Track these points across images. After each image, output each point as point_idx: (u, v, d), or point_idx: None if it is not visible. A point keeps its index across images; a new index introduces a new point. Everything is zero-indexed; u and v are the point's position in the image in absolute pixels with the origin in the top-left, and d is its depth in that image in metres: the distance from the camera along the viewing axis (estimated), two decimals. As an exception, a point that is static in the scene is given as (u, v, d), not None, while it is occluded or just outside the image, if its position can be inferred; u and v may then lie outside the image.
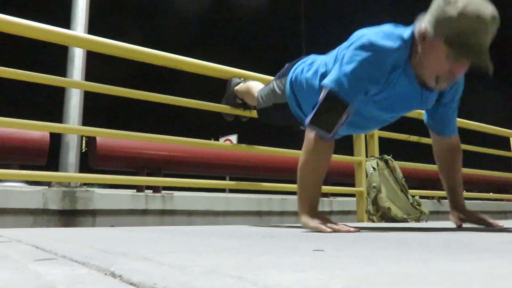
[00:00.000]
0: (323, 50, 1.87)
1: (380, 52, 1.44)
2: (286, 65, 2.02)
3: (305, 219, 1.50)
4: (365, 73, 1.45)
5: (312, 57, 1.88)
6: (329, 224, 1.43)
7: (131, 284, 0.47)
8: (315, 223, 1.45)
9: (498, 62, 1.40)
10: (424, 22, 1.43)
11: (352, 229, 1.42)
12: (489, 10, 1.34)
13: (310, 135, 1.53)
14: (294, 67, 1.90)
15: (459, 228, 1.79)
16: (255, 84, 2.33)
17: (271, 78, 2.71)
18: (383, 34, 1.46)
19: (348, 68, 1.45)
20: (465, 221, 1.83)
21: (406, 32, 1.49)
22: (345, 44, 1.59)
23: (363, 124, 1.78)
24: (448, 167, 1.88)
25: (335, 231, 1.39)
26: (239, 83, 2.48)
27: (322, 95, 1.47)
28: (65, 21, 4.73)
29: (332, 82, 1.46)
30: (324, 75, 1.66)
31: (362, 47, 1.45)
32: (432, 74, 1.48)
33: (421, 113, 1.91)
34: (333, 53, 1.68)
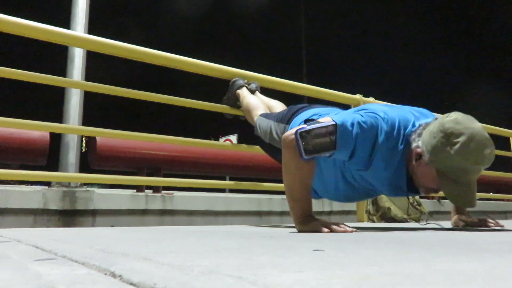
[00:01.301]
0: (323, 49, 1.87)
1: (381, 135, 1.46)
2: (288, 109, 2.02)
3: (301, 226, 1.51)
4: (365, 139, 1.45)
5: (315, 111, 1.85)
6: (325, 224, 1.43)
7: (131, 284, 0.47)
8: (311, 225, 1.46)
9: (498, 62, 1.41)
10: (422, 143, 1.43)
11: (349, 229, 1.42)
12: (487, 151, 1.35)
13: (286, 157, 1.54)
14: (296, 118, 1.88)
15: (459, 228, 1.79)
16: (255, 105, 2.30)
17: (272, 78, 2.71)
18: (392, 122, 1.48)
19: (357, 124, 1.45)
20: (467, 225, 1.84)
21: (401, 141, 1.48)
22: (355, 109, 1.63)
23: (355, 195, 1.78)
24: None
25: (331, 231, 1.40)
26: (242, 86, 2.48)
27: (327, 122, 1.46)
28: (65, 21, 4.73)
29: (341, 122, 1.45)
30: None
31: (374, 117, 1.47)
32: (420, 184, 1.51)
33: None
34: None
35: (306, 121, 1.52)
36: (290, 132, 1.53)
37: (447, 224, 2.00)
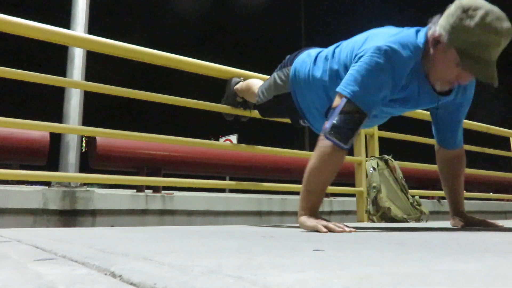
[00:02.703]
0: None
1: (397, 61, 1.45)
2: (288, 57, 2.01)
3: (303, 219, 1.50)
4: (383, 82, 1.46)
5: (316, 49, 1.86)
6: (325, 223, 1.43)
7: (131, 284, 0.47)
8: (312, 223, 1.45)
9: (498, 62, 1.41)
10: (439, 27, 1.44)
11: (347, 229, 1.42)
12: (506, 25, 1.35)
13: (325, 141, 1.49)
14: (299, 57, 1.88)
15: (459, 228, 1.80)
16: (255, 82, 2.32)
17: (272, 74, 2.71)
18: (399, 42, 1.46)
19: (366, 76, 1.45)
20: (466, 225, 1.84)
21: (419, 37, 1.49)
22: (358, 43, 1.57)
23: (375, 119, 1.79)
24: (452, 177, 1.89)
25: (331, 231, 1.40)
26: (238, 82, 2.48)
27: (339, 103, 1.46)
28: (65, 21, 4.73)
29: (350, 91, 1.45)
30: (334, 71, 1.65)
31: (380, 55, 1.45)
32: (439, 77, 1.50)
33: (421, 113, 1.91)
34: (345, 48, 1.65)
35: (326, 114, 1.53)
36: (321, 142, 1.50)
37: (447, 224, 2.00)
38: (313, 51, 1.85)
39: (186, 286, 0.42)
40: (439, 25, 1.44)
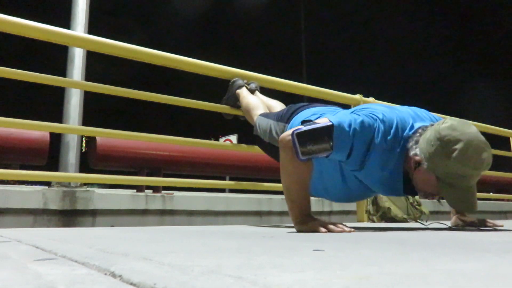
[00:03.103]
0: (323, 49, 1.87)
1: (378, 136, 1.46)
2: (287, 108, 2.02)
3: (299, 227, 1.51)
4: (363, 139, 1.46)
5: (314, 110, 1.85)
6: (323, 224, 1.44)
7: (131, 284, 0.47)
8: (310, 225, 1.46)
9: (498, 61, 1.41)
10: (419, 150, 1.43)
11: (347, 229, 1.42)
12: (484, 155, 1.35)
13: (284, 157, 1.54)
14: (297, 117, 1.87)
15: (459, 228, 1.80)
16: (255, 104, 2.30)
17: (272, 78, 2.71)
18: (389, 128, 1.48)
19: (354, 124, 1.45)
20: (466, 225, 1.84)
21: (400, 146, 1.49)
22: (359, 107, 1.64)
23: (354, 195, 1.79)
24: None
25: (329, 231, 1.40)
26: (241, 86, 2.48)
27: (324, 123, 1.46)
28: (65, 21, 4.73)
29: (339, 123, 1.45)
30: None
31: (373, 118, 1.48)
32: (420, 190, 1.51)
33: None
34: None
35: (304, 122, 1.52)
36: (287, 133, 1.53)
37: (447, 224, 2.00)
38: (312, 112, 1.83)
39: (186, 286, 0.42)
40: (419, 149, 1.43)
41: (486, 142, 1.38)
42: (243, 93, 2.43)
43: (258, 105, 2.29)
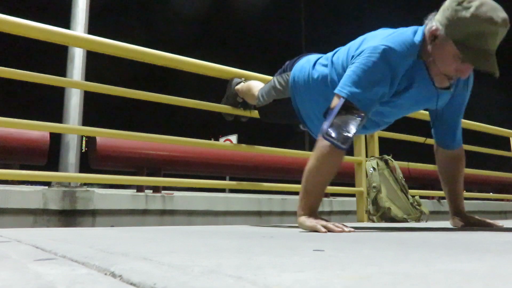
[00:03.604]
0: (323, 50, 1.87)
1: (393, 59, 1.45)
2: (287, 62, 2.01)
3: (303, 219, 1.51)
4: (380, 80, 1.46)
5: (315, 56, 1.87)
6: (324, 223, 1.44)
7: (131, 284, 0.47)
8: (311, 223, 1.46)
9: (498, 61, 1.41)
10: (435, 22, 1.44)
11: (346, 229, 1.42)
12: (501, 14, 1.35)
13: (324, 141, 1.49)
14: (298, 63, 1.89)
15: (459, 228, 1.80)
16: (256, 84, 2.32)
17: (272, 78, 2.71)
18: (395, 41, 1.47)
19: (362, 76, 1.45)
20: (466, 225, 1.84)
21: (417, 35, 1.50)
22: (354, 46, 1.59)
23: (376, 122, 1.78)
24: (452, 177, 1.89)
25: (330, 231, 1.40)
26: (239, 83, 2.48)
27: (337, 104, 1.46)
28: (65, 21, 4.73)
29: (348, 92, 1.46)
30: (333, 79, 1.66)
31: (376, 54, 1.45)
32: (439, 72, 1.50)
33: (421, 113, 1.91)
34: (342, 53, 1.67)
35: (324, 114, 1.52)
36: (319, 143, 1.49)
37: (447, 224, 2.00)
38: (312, 57, 1.85)
39: (186, 286, 0.42)
40: (435, 20, 1.45)
41: (501, 8, 1.38)
42: (242, 86, 2.44)
43: (258, 83, 2.30)
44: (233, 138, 10.41)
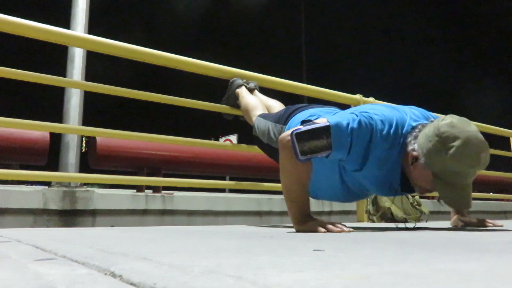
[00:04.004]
0: (323, 49, 1.87)
1: (376, 137, 1.46)
2: (285, 109, 2.02)
3: (299, 226, 1.51)
4: (360, 139, 1.46)
5: (312, 112, 1.85)
6: (322, 224, 1.44)
7: (131, 284, 0.47)
8: (309, 225, 1.46)
9: (499, 61, 1.41)
10: (418, 147, 1.43)
11: (345, 229, 1.42)
12: (482, 155, 1.35)
13: (283, 157, 1.54)
14: (294, 119, 1.87)
15: (459, 228, 1.80)
16: (253, 105, 2.31)
17: (272, 78, 2.71)
18: (387, 128, 1.48)
19: (352, 124, 1.46)
20: (466, 225, 1.84)
21: (399, 140, 1.49)
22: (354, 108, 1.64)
23: (352, 195, 1.77)
24: None
25: (328, 231, 1.40)
26: (241, 85, 2.48)
27: (322, 123, 1.46)
28: (65, 21, 4.73)
29: (335, 123, 1.46)
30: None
31: (369, 119, 1.48)
32: (416, 185, 1.52)
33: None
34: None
35: (303, 122, 1.53)
36: (286, 133, 1.54)
37: (447, 224, 2.00)
38: (309, 113, 1.83)
39: (186, 286, 0.42)
40: (418, 144, 1.43)
41: (485, 142, 1.37)
42: (242, 93, 2.43)
43: (257, 105, 2.30)
44: (233, 138, 10.40)
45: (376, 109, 1.54)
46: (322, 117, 1.56)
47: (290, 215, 1.56)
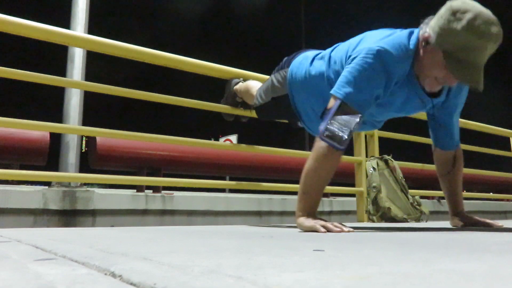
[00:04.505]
0: (322, 49, 1.87)
1: (388, 61, 1.46)
2: (285, 58, 2.01)
3: (301, 220, 1.51)
4: (375, 82, 1.47)
5: (313, 52, 1.87)
6: (323, 223, 1.44)
7: (131, 284, 0.47)
8: (310, 223, 1.46)
9: (498, 61, 1.41)
10: (429, 28, 1.44)
11: (345, 229, 1.42)
12: (494, 29, 1.34)
13: (321, 142, 1.50)
14: (296, 59, 1.89)
15: (459, 228, 1.79)
16: (254, 84, 2.32)
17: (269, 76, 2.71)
18: (391, 43, 1.48)
19: (358, 77, 1.46)
20: (466, 225, 1.84)
21: (412, 38, 1.50)
22: (353, 45, 1.59)
23: (364, 126, 1.79)
24: (450, 177, 1.89)
25: (328, 230, 1.40)
26: (238, 83, 2.48)
27: (333, 105, 1.47)
28: (65, 21, 4.73)
29: (344, 93, 1.46)
30: (330, 76, 1.66)
31: (371, 56, 1.46)
32: (428, 77, 1.51)
33: (421, 113, 1.91)
34: (340, 51, 1.67)
35: (322, 115, 1.53)
36: (317, 144, 1.50)
37: (447, 224, 2.00)
38: (310, 53, 1.86)
39: (186, 286, 0.42)
40: (429, 26, 1.45)
41: (497, 19, 1.36)
42: (241, 86, 2.43)
43: (257, 84, 2.30)
44: (233, 138, 10.41)
45: (371, 48, 1.50)
46: (331, 96, 1.52)
47: (299, 205, 1.54)
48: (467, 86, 1.73)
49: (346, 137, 1.46)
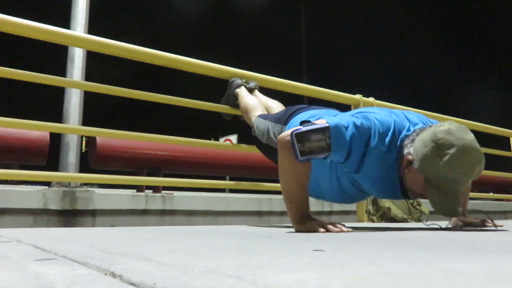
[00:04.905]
0: (322, 49, 1.87)
1: (375, 139, 1.47)
2: (285, 109, 2.02)
3: (298, 226, 1.51)
4: (359, 142, 1.47)
5: (312, 113, 1.85)
6: (321, 224, 1.44)
7: (131, 284, 0.47)
8: (308, 226, 1.46)
9: (499, 61, 1.41)
10: (413, 151, 1.43)
11: (345, 229, 1.42)
12: (476, 166, 1.36)
13: (282, 158, 1.54)
14: (294, 119, 1.88)
15: (459, 228, 1.79)
16: (253, 105, 2.31)
17: (272, 78, 2.71)
18: (386, 134, 1.49)
19: (351, 127, 1.46)
20: (465, 225, 1.84)
21: (397, 144, 1.50)
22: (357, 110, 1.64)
23: (350, 197, 1.78)
24: None
25: (328, 231, 1.40)
26: (240, 85, 2.48)
27: (320, 124, 1.47)
28: (65, 21, 4.72)
29: (335, 125, 1.46)
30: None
31: (372, 121, 1.49)
32: (409, 188, 1.52)
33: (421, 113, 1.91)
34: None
35: (302, 123, 1.53)
36: (286, 133, 1.54)
37: (446, 224, 2.00)
38: (309, 114, 1.83)
39: (186, 286, 0.42)
40: (413, 148, 1.44)
41: (481, 152, 1.37)
42: (242, 93, 2.43)
43: (256, 106, 2.30)
44: (233, 138, 10.40)
45: (376, 113, 1.55)
46: (322, 118, 1.56)
47: (290, 215, 1.56)
48: None
49: (309, 154, 1.45)
